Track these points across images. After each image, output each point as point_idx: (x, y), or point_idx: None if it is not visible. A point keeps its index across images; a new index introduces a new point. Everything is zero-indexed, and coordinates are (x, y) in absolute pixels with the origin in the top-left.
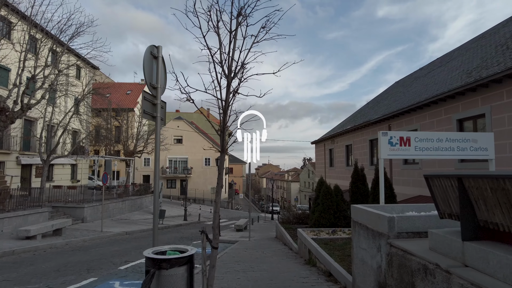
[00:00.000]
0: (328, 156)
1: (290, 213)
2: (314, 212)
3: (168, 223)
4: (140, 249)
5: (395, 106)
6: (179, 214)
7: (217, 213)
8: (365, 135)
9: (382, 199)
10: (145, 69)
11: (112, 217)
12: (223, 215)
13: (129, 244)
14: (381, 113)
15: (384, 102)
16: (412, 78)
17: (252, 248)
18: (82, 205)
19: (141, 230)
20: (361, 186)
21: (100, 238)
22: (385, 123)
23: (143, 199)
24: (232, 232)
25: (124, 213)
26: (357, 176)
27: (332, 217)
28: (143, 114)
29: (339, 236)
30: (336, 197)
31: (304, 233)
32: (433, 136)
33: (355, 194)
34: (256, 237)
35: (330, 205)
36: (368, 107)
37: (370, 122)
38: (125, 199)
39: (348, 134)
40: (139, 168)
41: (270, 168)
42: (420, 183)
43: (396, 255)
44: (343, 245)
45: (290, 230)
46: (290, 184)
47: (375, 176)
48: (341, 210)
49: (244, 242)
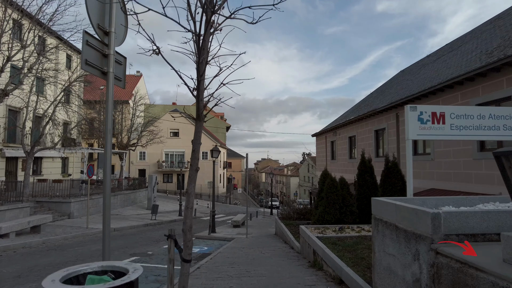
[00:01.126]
0: (330, 149)
1: (291, 208)
2: (317, 207)
3: (161, 219)
4: (126, 248)
5: (403, 94)
6: (174, 209)
7: (189, 209)
8: (370, 125)
9: (410, 190)
10: (88, 2)
11: (102, 212)
12: (220, 210)
13: (114, 242)
14: (387, 101)
15: (390, 91)
16: (419, 65)
17: (249, 247)
18: (68, 200)
19: (131, 226)
20: (369, 179)
21: (84, 235)
22: (393, 112)
23: (136, 193)
24: (228, 228)
25: (116, 208)
26: (364, 168)
27: (337, 213)
28: (84, 65)
29: (347, 234)
30: (342, 190)
31: (308, 230)
32: (473, 112)
33: (362, 187)
34: (254, 233)
35: (336, 199)
36: (372, 97)
37: (376, 111)
38: (117, 194)
39: (351, 125)
40: (134, 162)
41: (269, 163)
42: (433, 175)
43: (448, 268)
44: (353, 245)
45: (291, 226)
46: (290, 178)
47: (385, 167)
48: (348, 204)
49: (241, 240)
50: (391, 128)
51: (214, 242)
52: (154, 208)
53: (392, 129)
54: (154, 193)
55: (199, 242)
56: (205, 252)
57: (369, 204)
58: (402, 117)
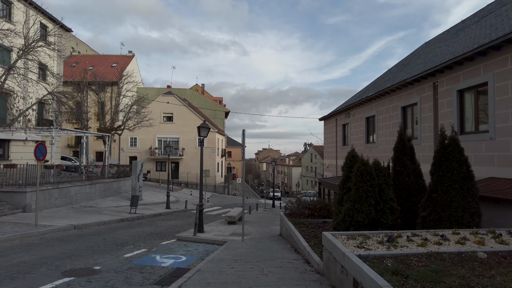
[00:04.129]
0: (341, 133)
1: (301, 202)
2: (341, 202)
3: (143, 212)
4: (65, 260)
5: (442, 59)
6: (164, 200)
7: None
8: (396, 101)
9: None
10: None
11: (73, 204)
12: (217, 202)
13: (57, 248)
14: (419, 70)
15: (417, 61)
16: (453, 31)
17: (245, 259)
18: (23, 189)
19: (100, 222)
20: (409, 164)
21: (24, 237)
22: (428, 82)
23: (121, 182)
24: (221, 226)
25: (93, 199)
26: (403, 149)
27: (372, 210)
28: None
29: (408, 250)
30: (378, 178)
31: (338, 242)
32: None
33: (400, 175)
34: (253, 233)
35: (370, 191)
36: (392, 72)
37: (406, 82)
38: (94, 182)
39: (369, 103)
40: (125, 149)
41: (270, 153)
42: (492, 160)
43: None
44: (436, 277)
45: (302, 227)
46: (291, 169)
47: (439, 146)
48: (386, 199)
49: (235, 244)
50: (426, 103)
51: (198, 248)
52: (133, 200)
53: (427, 104)
54: (139, 182)
55: (178, 247)
56: (180, 266)
57: (410, 198)
58: (442, 87)
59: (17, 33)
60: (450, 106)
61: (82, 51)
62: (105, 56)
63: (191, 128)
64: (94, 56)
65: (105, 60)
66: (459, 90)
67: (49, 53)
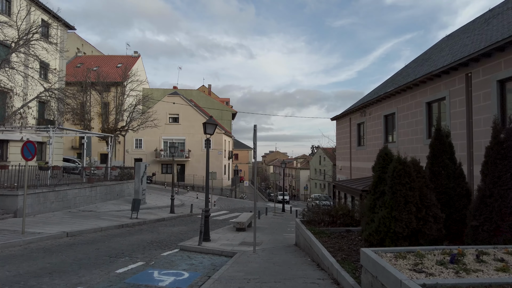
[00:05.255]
0: (356, 133)
1: (320, 209)
2: (372, 209)
3: (145, 217)
4: (42, 278)
5: (474, 48)
6: (169, 204)
7: None
8: (419, 97)
9: None
10: None
11: (72, 208)
12: (224, 206)
13: (45, 260)
14: (447, 61)
15: (441, 54)
16: (481, 21)
17: (260, 279)
18: (15, 192)
19: (96, 228)
20: (450, 163)
21: (6, 247)
22: (459, 73)
23: (124, 185)
24: (230, 233)
25: (94, 203)
26: (441, 146)
27: (413, 218)
28: None
29: (482, 273)
30: (417, 180)
31: (389, 265)
32: None
33: (438, 176)
34: (266, 242)
35: (409, 196)
36: (411, 68)
37: (432, 75)
38: (95, 185)
39: (388, 100)
40: (129, 151)
41: (278, 156)
42: None
43: None
44: None
45: (323, 236)
46: (299, 171)
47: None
48: (428, 204)
49: (246, 257)
50: (456, 96)
51: (204, 260)
52: (134, 204)
53: (459, 97)
54: (142, 185)
55: (181, 259)
56: (181, 287)
57: (450, 204)
58: (478, 78)
59: (12, 26)
60: (488, 98)
61: (88, 52)
62: (110, 56)
63: (198, 129)
64: (99, 57)
65: (110, 60)
66: (500, 80)
67: (46, 47)
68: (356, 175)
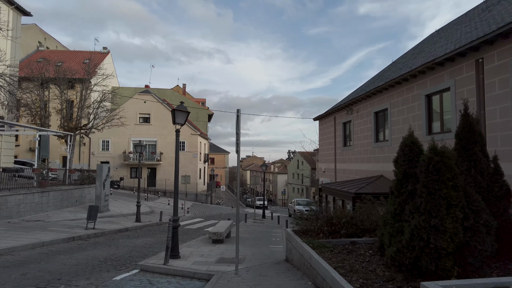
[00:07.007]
0: (341, 133)
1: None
2: (398, 215)
3: (104, 228)
4: None
5: (482, 32)
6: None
7: None
8: (417, 89)
9: None
10: None
11: (13, 217)
12: (199, 213)
13: None
14: (450, 48)
15: (439, 44)
16: (478, 11)
17: None
18: None
19: (35, 244)
20: (482, 157)
21: None
22: (468, 59)
23: (85, 190)
24: (205, 246)
25: (45, 210)
26: (470, 136)
27: (459, 228)
28: None
29: None
30: (461, 177)
31: None
32: None
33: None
34: (249, 258)
35: (453, 197)
36: (401, 63)
37: (434, 63)
38: (47, 190)
39: (379, 95)
40: (95, 153)
41: (254, 160)
42: None
43: None
44: None
45: (324, 251)
46: (277, 176)
47: None
48: (477, 209)
49: (226, 283)
50: (464, 86)
51: (169, 287)
52: (91, 211)
53: (467, 87)
54: (105, 189)
55: (139, 287)
56: None
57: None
58: (492, 63)
59: None
60: (505, 86)
61: (52, 47)
62: (76, 52)
63: (171, 131)
64: (64, 52)
65: (76, 56)
66: None
67: None
68: (341, 177)
